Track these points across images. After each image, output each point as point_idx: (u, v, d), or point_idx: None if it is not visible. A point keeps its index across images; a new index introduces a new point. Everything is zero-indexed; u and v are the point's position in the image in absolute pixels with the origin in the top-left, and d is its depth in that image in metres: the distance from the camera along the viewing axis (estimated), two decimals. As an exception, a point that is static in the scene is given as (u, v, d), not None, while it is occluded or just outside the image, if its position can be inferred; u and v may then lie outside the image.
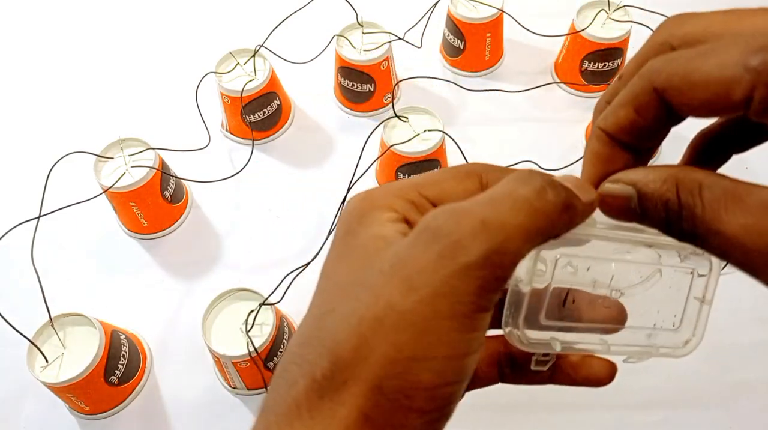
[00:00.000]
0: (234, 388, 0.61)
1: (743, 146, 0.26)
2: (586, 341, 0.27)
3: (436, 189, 0.26)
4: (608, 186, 0.25)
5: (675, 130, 0.24)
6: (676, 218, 0.23)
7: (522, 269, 0.25)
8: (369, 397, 0.22)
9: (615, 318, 0.28)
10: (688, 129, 0.72)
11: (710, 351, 0.61)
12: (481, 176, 0.26)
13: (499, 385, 0.30)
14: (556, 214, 0.23)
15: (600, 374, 0.28)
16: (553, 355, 0.28)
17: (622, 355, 0.28)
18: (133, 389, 0.61)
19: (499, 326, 0.29)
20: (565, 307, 0.27)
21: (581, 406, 0.59)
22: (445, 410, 0.23)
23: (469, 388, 0.29)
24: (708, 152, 0.27)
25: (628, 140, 0.25)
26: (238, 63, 0.72)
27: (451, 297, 0.22)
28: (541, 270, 0.25)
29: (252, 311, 0.56)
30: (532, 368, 0.28)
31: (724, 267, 0.27)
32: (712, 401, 0.59)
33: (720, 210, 0.22)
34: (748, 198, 0.21)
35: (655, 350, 0.28)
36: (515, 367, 0.29)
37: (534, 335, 0.26)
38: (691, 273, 0.27)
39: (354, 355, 0.22)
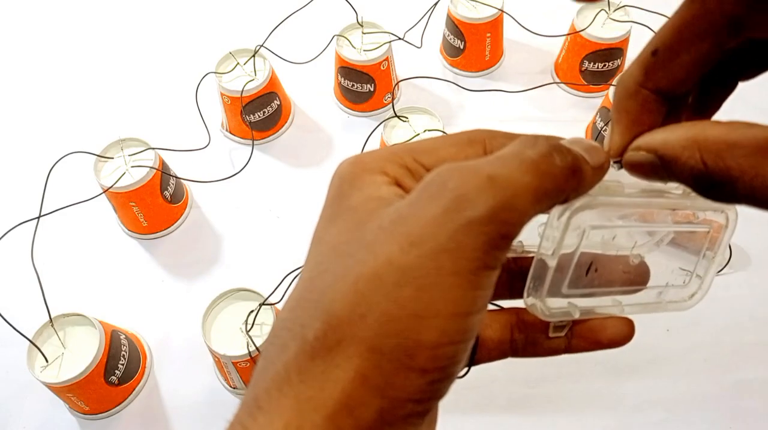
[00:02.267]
0: (234, 388, 0.61)
1: (748, 74, 0.25)
2: (601, 304, 0.27)
3: (434, 156, 0.25)
4: (631, 154, 0.24)
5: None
6: (707, 183, 0.22)
7: (549, 241, 0.24)
8: (367, 357, 0.21)
9: (634, 281, 0.28)
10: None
11: (710, 351, 0.61)
12: (485, 143, 0.25)
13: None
14: (563, 177, 0.22)
15: (620, 335, 0.27)
16: (570, 320, 0.28)
17: (634, 313, 0.28)
18: (133, 389, 0.61)
19: (507, 296, 0.29)
20: (587, 276, 0.27)
21: (582, 406, 0.59)
22: (447, 370, 0.22)
23: (479, 361, 0.28)
24: (711, 82, 0.26)
25: (675, 91, 0.24)
26: (238, 63, 0.72)
27: (456, 252, 0.21)
28: (568, 244, 0.25)
29: (252, 311, 0.56)
30: (550, 334, 0.27)
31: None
32: (712, 401, 0.59)
33: (760, 166, 0.21)
34: None
35: (663, 306, 0.28)
36: (529, 339, 0.28)
37: (555, 304, 0.26)
38: (708, 231, 0.27)
39: (350, 313, 0.21)
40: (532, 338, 0.28)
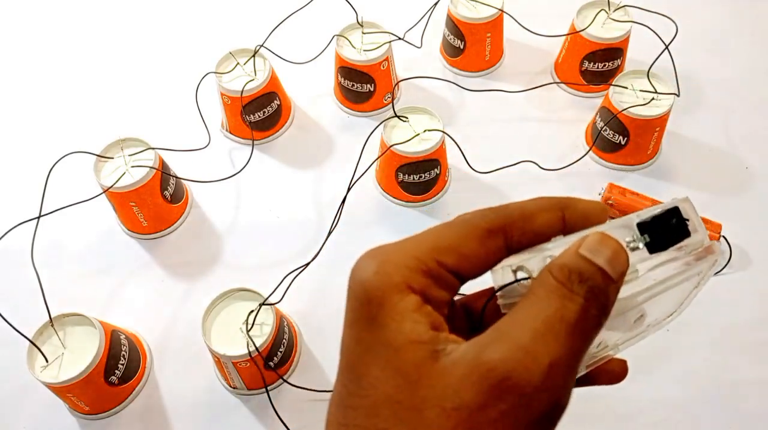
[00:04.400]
0: (234, 388, 0.61)
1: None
2: (602, 353, 0.29)
3: (456, 255, 0.25)
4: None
5: (671, 130, 0.24)
6: None
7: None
8: None
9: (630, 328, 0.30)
10: (688, 129, 0.71)
11: (710, 351, 0.61)
12: (506, 232, 0.26)
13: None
14: (599, 322, 0.24)
15: (620, 374, 0.30)
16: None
17: (626, 348, 0.29)
18: (133, 389, 0.61)
19: None
20: (598, 347, 0.28)
21: (581, 406, 0.59)
22: None
23: None
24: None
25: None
26: (238, 63, 0.73)
27: None
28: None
29: (252, 311, 0.56)
30: None
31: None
32: (712, 401, 0.59)
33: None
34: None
35: (647, 332, 0.30)
36: None
37: None
38: (698, 274, 0.28)
39: None
40: None
